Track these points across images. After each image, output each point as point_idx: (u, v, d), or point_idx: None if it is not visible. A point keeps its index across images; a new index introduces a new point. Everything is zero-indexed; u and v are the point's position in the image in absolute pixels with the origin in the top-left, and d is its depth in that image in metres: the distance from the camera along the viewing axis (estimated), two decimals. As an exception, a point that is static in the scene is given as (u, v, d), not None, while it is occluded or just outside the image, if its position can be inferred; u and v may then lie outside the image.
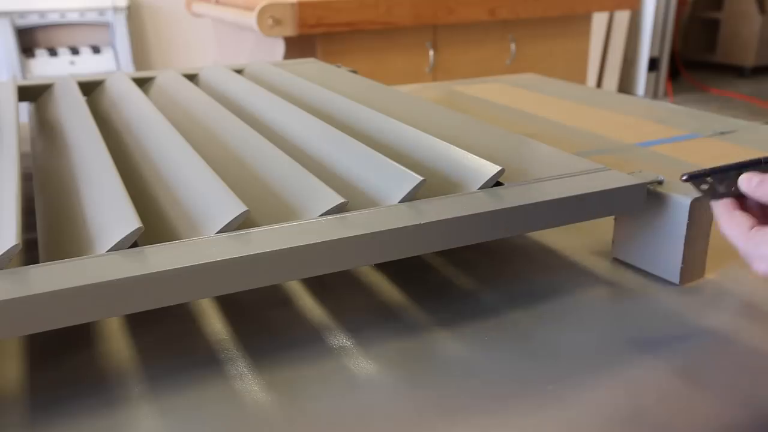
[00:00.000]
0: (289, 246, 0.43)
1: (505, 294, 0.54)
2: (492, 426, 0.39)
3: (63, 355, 0.46)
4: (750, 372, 0.44)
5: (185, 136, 0.62)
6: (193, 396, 0.42)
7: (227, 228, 0.45)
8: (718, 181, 0.44)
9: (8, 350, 0.47)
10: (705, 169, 0.44)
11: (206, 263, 0.41)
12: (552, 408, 0.41)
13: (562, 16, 2.28)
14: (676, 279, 0.54)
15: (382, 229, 0.45)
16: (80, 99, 0.80)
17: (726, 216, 0.42)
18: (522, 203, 0.49)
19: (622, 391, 0.42)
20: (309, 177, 0.52)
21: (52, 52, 2.77)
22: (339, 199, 0.47)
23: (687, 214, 0.51)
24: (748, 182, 0.42)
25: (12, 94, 0.81)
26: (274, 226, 0.45)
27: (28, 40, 2.78)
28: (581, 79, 2.44)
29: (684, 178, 0.44)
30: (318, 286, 0.55)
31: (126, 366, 0.45)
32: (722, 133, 0.94)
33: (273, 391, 0.43)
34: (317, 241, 0.43)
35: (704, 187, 0.44)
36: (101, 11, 2.79)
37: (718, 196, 0.44)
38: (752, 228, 0.40)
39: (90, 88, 0.91)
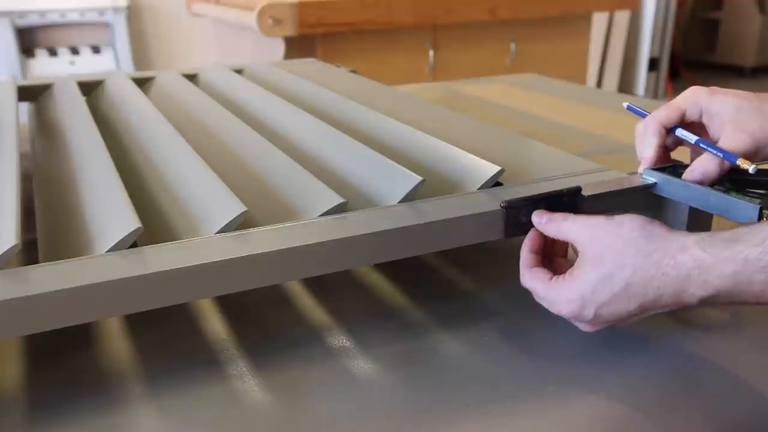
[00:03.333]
0: (289, 246, 0.43)
1: (505, 294, 0.54)
2: (492, 426, 0.39)
3: (63, 355, 0.46)
4: (750, 370, 0.44)
5: (185, 136, 0.62)
6: (193, 396, 0.42)
7: (227, 228, 0.45)
8: (526, 212, 0.48)
9: (8, 350, 0.47)
10: (520, 198, 0.48)
11: (206, 263, 0.41)
12: (552, 408, 0.41)
13: (562, 16, 2.28)
14: (676, 279, 0.54)
15: (382, 229, 0.45)
16: (80, 99, 0.80)
17: (527, 273, 0.47)
18: (522, 203, 0.49)
19: (622, 391, 0.42)
20: (309, 177, 0.52)
21: (52, 52, 2.77)
22: (339, 199, 0.47)
23: (687, 214, 0.51)
24: (538, 219, 0.47)
25: (12, 94, 0.81)
26: (274, 226, 0.45)
27: (28, 40, 2.78)
28: (581, 79, 2.44)
29: (503, 205, 0.48)
30: (318, 286, 0.55)
31: (126, 366, 0.45)
32: (722, 133, 0.94)
33: (273, 392, 0.43)
34: (317, 241, 0.43)
35: (510, 220, 0.48)
36: (101, 11, 2.78)
37: (520, 227, 0.48)
38: (550, 279, 0.45)
39: (90, 88, 0.91)
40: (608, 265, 0.41)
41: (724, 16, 4.71)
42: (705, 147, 0.48)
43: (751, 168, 0.44)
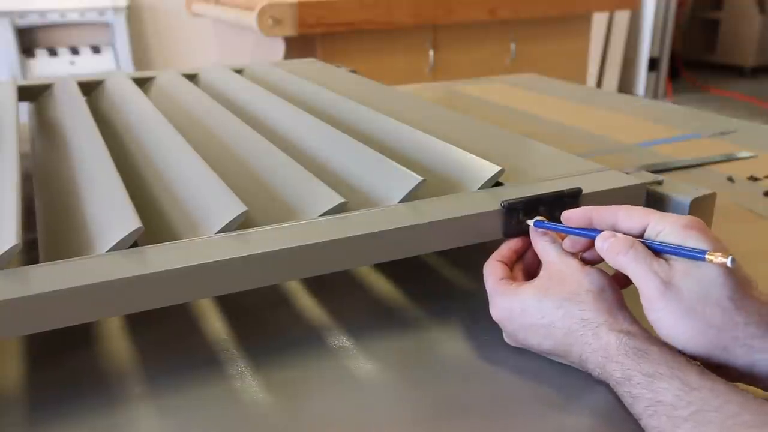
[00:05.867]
0: (289, 246, 0.43)
1: (505, 294, 0.54)
2: (492, 427, 0.39)
3: (63, 355, 0.46)
4: None
5: (185, 136, 0.62)
6: (193, 396, 0.42)
7: (227, 228, 0.45)
8: (526, 212, 0.48)
9: (8, 350, 0.47)
10: (521, 199, 0.48)
11: (206, 263, 0.41)
12: (552, 408, 0.41)
13: (562, 16, 2.28)
14: (676, 279, 0.54)
15: (382, 229, 0.45)
16: (80, 99, 0.80)
17: (490, 264, 0.47)
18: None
19: (622, 391, 0.42)
20: (309, 177, 0.52)
21: (52, 52, 2.77)
22: (339, 199, 0.47)
23: (687, 214, 0.51)
24: (536, 228, 0.47)
25: (12, 94, 0.81)
26: (274, 226, 0.45)
27: (28, 40, 2.78)
28: (581, 79, 2.44)
29: (504, 205, 0.48)
30: (318, 286, 0.55)
31: (126, 366, 0.45)
32: (722, 133, 0.94)
33: (273, 391, 0.43)
34: (317, 241, 0.43)
35: (510, 220, 0.48)
36: (101, 11, 2.79)
37: (520, 227, 0.48)
38: (501, 278, 0.46)
39: (90, 88, 0.91)
40: (548, 298, 0.42)
41: (724, 16, 4.71)
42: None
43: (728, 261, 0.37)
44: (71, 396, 0.42)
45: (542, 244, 0.46)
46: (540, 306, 0.43)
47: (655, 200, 0.53)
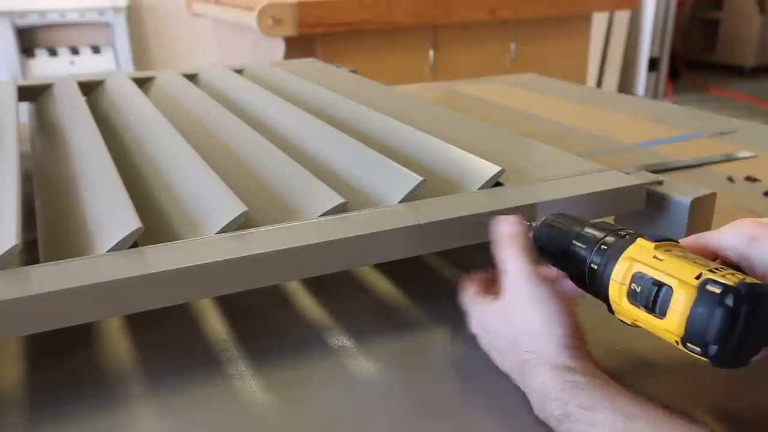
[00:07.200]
0: (289, 246, 0.43)
1: (505, 294, 0.54)
2: (492, 426, 0.39)
3: (63, 355, 0.46)
4: (749, 369, 0.44)
5: (185, 136, 0.62)
6: (193, 396, 0.42)
7: (227, 228, 0.45)
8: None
9: (8, 350, 0.47)
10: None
11: (206, 263, 0.41)
12: (552, 408, 0.41)
13: (562, 16, 2.28)
14: (676, 279, 0.54)
15: (382, 229, 0.45)
16: (80, 99, 0.80)
17: (465, 281, 0.46)
18: (522, 203, 0.49)
19: (622, 391, 0.42)
20: (309, 177, 0.52)
21: (52, 52, 2.77)
22: (339, 200, 0.47)
23: (687, 214, 0.51)
24: (501, 234, 0.44)
25: (12, 94, 0.81)
26: (274, 227, 0.45)
27: (28, 40, 2.78)
28: (581, 79, 2.44)
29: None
30: (318, 286, 0.55)
31: (126, 366, 0.45)
32: (722, 133, 0.94)
33: (273, 391, 0.43)
34: (317, 241, 0.43)
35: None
36: (101, 11, 2.78)
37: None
38: (475, 293, 0.44)
39: (90, 88, 0.91)
40: (505, 325, 0.41)
41: (724, 16, 4.71)
42: None
43: None
44: (71, 396, 0.42)
45: (506, 252, 0.42)
46: (500, 329, 0.41)
47: (656, 200, 0.53)
